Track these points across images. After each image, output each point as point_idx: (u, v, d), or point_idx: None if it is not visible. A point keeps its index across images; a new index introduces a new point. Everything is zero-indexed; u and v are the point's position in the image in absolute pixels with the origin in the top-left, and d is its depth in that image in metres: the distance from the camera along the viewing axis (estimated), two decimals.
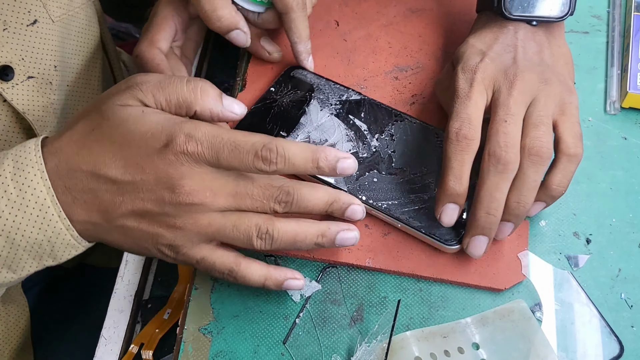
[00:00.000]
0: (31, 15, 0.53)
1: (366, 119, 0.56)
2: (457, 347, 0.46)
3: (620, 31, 0.63)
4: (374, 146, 0.54)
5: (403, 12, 0.64)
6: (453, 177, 0.47)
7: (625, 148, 0.56)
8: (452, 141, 0.47)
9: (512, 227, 0.48)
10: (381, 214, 0.51)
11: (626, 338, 0.48)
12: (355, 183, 0.52)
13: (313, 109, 0.56)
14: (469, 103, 0.48)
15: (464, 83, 0.49)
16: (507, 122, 0.47)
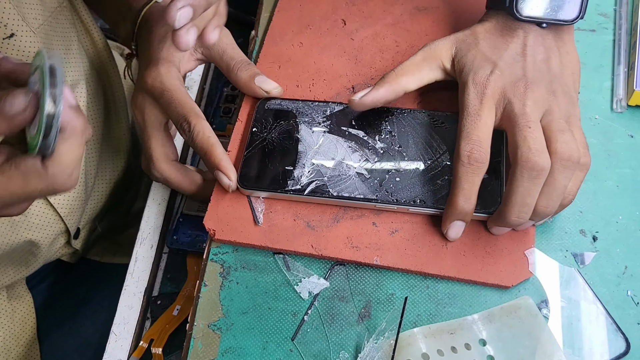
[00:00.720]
0: (7, 29, 0.53)
1: (359, 125, 0.56)
2: (464, 344, 0.47)
3: (627, 29, 0.63)
4: (380, 148, 0.54)
5: (410, 10, 0.65)
6: (463, 197, 0.48)
7: (632, 146, 0.57)
8: (463, 163, 0.48)
9: (532, 224, 0.50)
10: (420, 209, 0.51)
11: (633, 335, 0.48)
12: (382, 190, 0.52)
13: (305, 134, 0.55)
14: (479, 123, 0.48)
15: (474, 98, 0.49)
16: (531, 129, 0.47)
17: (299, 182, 0.53)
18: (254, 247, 0.53)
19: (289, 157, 0.54)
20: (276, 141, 0.56)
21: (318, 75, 0.61)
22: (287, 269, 0.52)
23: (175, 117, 0.55)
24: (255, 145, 0.55)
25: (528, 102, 0.48)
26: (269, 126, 0.56)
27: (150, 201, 0.66)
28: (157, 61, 0.56)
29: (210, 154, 0.53)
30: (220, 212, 0.54)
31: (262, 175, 0.54)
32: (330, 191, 0.52)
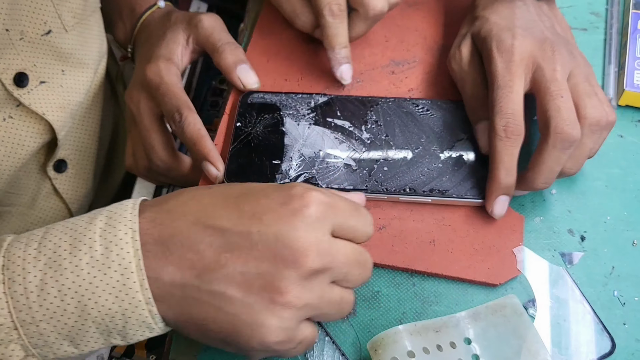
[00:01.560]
0: (46, 26, 0.54)
1: (344, 116, 0.55)
2: (450, 342, 0.46)
3: (618, 29, 0.63)
4: (367, 138, 0.54)
5: (400, 5, 0.64)
6: (505, 170, 0.48)
7: (621, 146, 0.56)
8: (501, 138, 0.48)
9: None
10: (410, 197, 0.51)
11: (618, 335, 0.48)
12: (371, 179, 0.52)
13: (291, 127, 0.55)
14: (511, 95, 0.48)
15: (502, 68, 0.49)
16: (563, 98, 0.47)
17: (287, 175, 0.52)
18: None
19: (275, 151, 0.54)
20: (261, 135, 0.55)
21: (306, 69, 0.60)
22: None
23: (168, 109, 0.55)
24: (241, 140, 0.55)
25: (557, 67, 0.48)
26: (253, 120, 0.56)
27: (135, 194, 0.65)
28: (158, 58, 0.57)
29: (199, 144, 0.53)
30: None
31: (249, 170, 0.53)
32: (319, 183, 0.52)
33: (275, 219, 0.38)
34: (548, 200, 0.54)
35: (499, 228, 0.51)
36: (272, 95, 0.57)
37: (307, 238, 0.38)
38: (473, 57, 0.54)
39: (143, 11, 0.64)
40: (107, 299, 0.38)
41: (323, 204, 0.39)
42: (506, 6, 0.53)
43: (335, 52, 0.55)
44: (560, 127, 0.46)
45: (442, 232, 0.51)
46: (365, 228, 0.42)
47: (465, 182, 0.51)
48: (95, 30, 0.61)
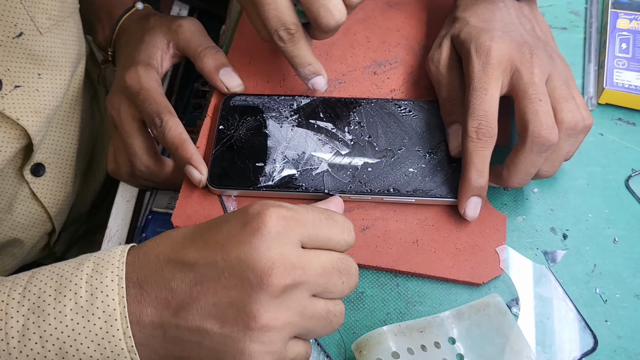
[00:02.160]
0: (17, 28, 0.53)
1: (327, 117, 0.55)
2: (434, 342, 0.46)
3: (598, 27, 0.64)
4: (350, 139, 0.54)
5: (381, 6, 0.64)
6: (476, 172, 0.48)
7: (602, 144, 0.57)
8: (472, 139, 0.48)
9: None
10: (394, 198, 0.51)
11: (600, 332, 0.48)
12: (355, 180, 0.52)
13: (273, 129, 0.55)
14: (485, 97, 0.48)
15: (479, 70, 0.49)
16: (542, 102, 0.47)
17: (271, 178, 0.52)
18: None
19: (258, 154, 0.54)
20: (244, 138, 0.55)
21: (289, 71, 0.60)
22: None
23: (148, 114, 0.54)
24: (223, 143, 0.54)
25: (536, 71, 0.48)
26: (235, 123, 0.55)
27: (118, 198, 0.64)
28: (137, 63, 0.57)
29: (181, 148, 0.53)
30: (189, 209, 0.53)
31: (233, 173, 0.53)
32: (303, 185, 0.52)
33: (236, 243, 0.38)
34: (530, 199, 0.54)
35: (481, 227, 0.51)
36: (254, 97, 0.57)
37: (269, 256, 0.37)
38: (451, 60, 0.54)
39: (121, 14, 0.64)
40: (89, 347, 0.37)
41: (283, 218, 0.39)
42: (486, 8, 0.53)
43: (299, 71, 0.54)
44: (537, 131, 0.46)
45: (426, 232, 0.51)
46: (342, 236, 0.41)
47: (449, 182, 0.51)
48: (74, 31, 0.61)
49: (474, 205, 0.50)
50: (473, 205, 0.50)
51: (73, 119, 0.64)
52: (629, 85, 0.57)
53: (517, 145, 0.48)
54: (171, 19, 0.60)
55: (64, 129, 0.63)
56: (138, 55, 0.58)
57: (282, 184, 0.52)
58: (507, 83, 0.49)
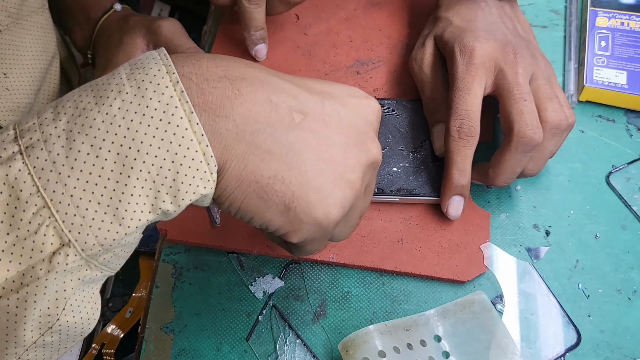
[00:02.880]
0: None
1: None
2: (420, 340, 0.47)
3: (577, 26, 0.64)
4: None
5: (363, 5, 0.64)
6: (458, 171, 0.49)
7: (582, 141, 0.57)
8: (454, 138, 0.48)
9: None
10: (379, 197, 0.51)
11: (583, 327, 0.49)
12: None
13: None
14: (468, 97, 0.48)
15: (463, 70, 0.49)
16: (526, 101, 0.48)
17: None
18: (207, 247, 0.52)
19: None
20: None
21: None
22: (241, 268, 0.51)
23: None
24: None
25: (520, 70, 0.49)
26: None
27: None
28: (115, 64, 0.56)
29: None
30: None
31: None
32: None
33: (344, 103, 0.37)
34: (513, 196, 0.54)
35: (465, 225, 0.51)
36: None
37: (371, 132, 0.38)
38: (434, 59, 0.54)
39: (99, 16, 0.63)
40: (152, 144, 0.31)
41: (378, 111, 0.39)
42: (469, 7, 0.54)
43: (251, 33, 0.57)
44: (523, 131, 0.47)
45: (410, 231, 0.51)
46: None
47: (433, 181, 0.51)
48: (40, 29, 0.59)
49: (456, 204, 0.50)
50: (455, 204, 0.50)
51: None
52: (608, 83, 0.58)
53: (503, 144, 0.48)
54: (150, 20, 0.59)
55: None
56: (116, 56, 0.57)
57: None
58: (491, 83, 0.50)
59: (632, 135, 0.58)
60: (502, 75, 0.49)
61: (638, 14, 0.62)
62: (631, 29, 0.61)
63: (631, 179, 0.55)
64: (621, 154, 0.57)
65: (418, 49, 0.55)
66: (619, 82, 0.58)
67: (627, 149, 0.57)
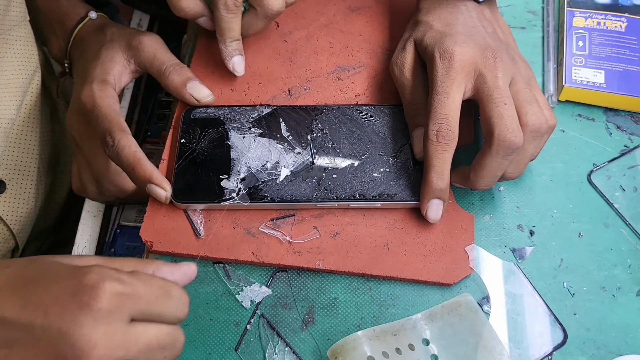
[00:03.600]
0: None
1: (290, 126, 0.55)
2: (408, 344, 0.47)
3: (555, 26, 0.65)
4: (314, 147, 0.54)
5: (343, 11, 0.64)
6: (436, 174, 0.49)
7: (563, 141, 0.58)
8: (432, 142, 0.49)
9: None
10: (361, 203, 0.51)
11: (569, 325, 0.49)
12: (320, 187, 0.52)
13: (236, 141, 0.54)
14: (447, 101, 0.49)
15: (442, 74, 0.50)
16: (507, 105, 0.48)
17: (235, 190, 0.52)
18: (193, 258, 0.52)
19: (222, 166, 0.53)
20: (207, 150, 0.54)
21: (253, 79, 0.60)
22: (228, 278, 0.51)
23: (100, 132, 0.53)
24: (186, 157, 0.54)
25: (499, 74, 0.49)
26: (197, 136, 0.55)
27: (84, 213, 0.64)
28: (92, 79, 0.55)
29: (138, 167, 0.51)
30: (157, 223, 0.52)
31: (197, 187, 0.52)
32: (268, 196, 0.51)
33: (60, 312, 0.34)
34: (497, 197, 0.55)
35: (450, 228, 0.52)
36: (215, 109, 0.56)
37: (93, 334, 0.34)
38: (414, 63, 0.54)
39: (74, 24, 0.62)
40: None
41: (117, 296, 0.35)
42: (449, 12, 0.54)
43: (227, 44, 0.56)
44: (503, 135, 0.47)
45: (395, 235, 0.51)
46: (175, 313, 0.39)
47: (414, 185, 0.52)
48: (19, 43, 0.59)
49: (435, 207, 0.50)
50: (434, 207, 0.50)
51: (32, 134, 0.63)
52: (587, 82, 0.59)
53: (483, 148, 0.48)
54: (130, 34, 0.58)
55: (23, 144, 0.62)
56: (93, 70, 0.56)
57: (248, 196, 0.52)
58: (471, 87, 0.50)
59: (612, 133, 0.58)
60: (482, 80, 0.49)
61: (614, 14, 0.63)
62: (607, 28, 0.62)
63: (612, 177, 0.56)
64: (602, 153, 0.57)
65: (398, 53, 0.55)
66: (597, 82, 0.59)
67: (607, 147, 0.58)
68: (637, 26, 0.62)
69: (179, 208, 0.52)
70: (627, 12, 0.63)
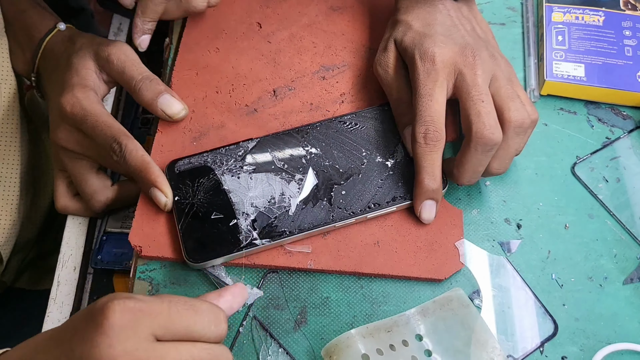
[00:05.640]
0: None
1: (280, 154, 0.53)
2: (402, 340, 0.47)
3: (534, 22, 0.66)
4: (312, 168, 0.53)
5: (324, 10, 0.65)
6: (427, 175, 0.49)
7: (546, 134, 0.59)
8: (420, 144, 0.49)
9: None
10: (378, 212, 0.51)
11: (559, 316, 0.50)
12: (334, 207, 0.51)
13: (232, 184, 0.52)
14: (431, 103, 0.49)
15: (424, 76, 0.50)
16: (484, 102, 0.48)
17: (250, 234, 0.50)
18: (184, 262, 0.51)
19: (227, 213, 0.51)
20: (205, 203, 0.51)
21: (237, 80, 0.60)
22: (219, 281, 0.51)
23: (103, 140, 0.52)
24: (186, 214, 0.51)
25: (479, 72, 0.49)
26: (190, 189, 0.52)
27: (69, 221, 0.63)
28: (72, 87, 0.53)
29: (146, 171, 0.50)
30: (146, 227, 0.52)
31: (208, 241, 0.50)
32: (285, 230, 0.50)
33: (79, 340, 0.35)
34: (483, 192, 0.55)
35: (439, 224, 0.52)
36: (198, 157, 0.53)
37: (110, 354, 0.34)
38: (397, 62, 0.55)
39: (42, 36, 0.59)
40: None
41: (129, 311, 0.35)
42: (427, 11, 0.54)
43: (144, 21, 0.57)
44: (480, 131, 0.48)
45: (386, 233, 0.52)
46: (208, 328, 0.38)
47: None
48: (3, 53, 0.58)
49: (428, 208, 0.51)
50: (428, 208, 0.51)
51: (12, 145, 0.62)
52: (567, 76, 0.60)
53: (463, 145, 0.49)
54: (99, 44, 0.56)
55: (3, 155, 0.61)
56: (70, 79, 0.54)
57: (264, 236, 0.50)
58: (452, 86, 0.50)
59: (593, 126, 0.59)
60: (461, 78, 0.50)
61: (591, 8, 0.64)
62: (586, 22, 0.63)
63: (595, 168, 0.57)
64: (584, 145, 0.58)
65: (381, 54, 0.56)
66: (578, 75, 0.60)
67: (589, 140, 0.58)
68: (614, 20, 0.63)
69: (199, 269, 0.51)
70: (604, 6, 0.64)
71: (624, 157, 0.57)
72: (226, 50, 0.62)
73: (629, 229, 0.54)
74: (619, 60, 0.60)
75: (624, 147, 0.58)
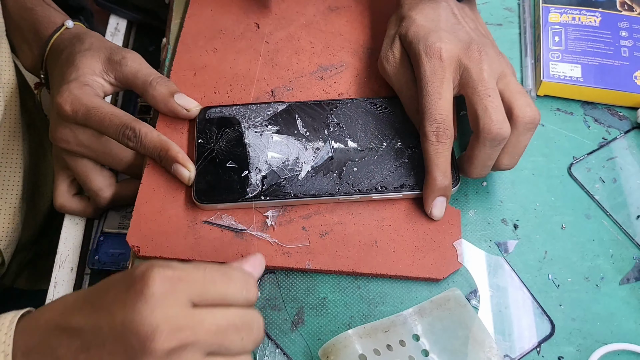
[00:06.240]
0: None
1: (306, 122, 0.55)
2: (399, 340, 0.47)
3: (531, 22, 0.66)
4: (332, 141, 0.54)
5: (322, 10, 0.65)
6: (440, 173, 0.50)
7: (543, 134, 0.59)
8: (432, 142, 0.49)
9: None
10: (382, 195, 0.52)
11: (556, 316, 0.50)
12: (342, 181, 0.52)
13: (254, 139, 0.54)
14: (440, 101, 0.49)
15: (431, 73, 0.50)
16: (491, 97, 0.48)
17: (257, 187, 0.52)
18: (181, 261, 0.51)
19: (242, 165, 0.53)
20: (225, 150, 0.54)
21: (235, 81, 0.60)
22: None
23: (114, 130, 0.52)
24: (205, 157, 0.54)
25: (484, 67, 0.49)
26: (214, 136, 0.55)
27: (67, 222, 0.63)
28: (68, 84, 0.53)
29: (167, 149, 0.52)
30: (144, 227, 0.52)
31: (219, 186, 0.52)
32: (290, 192, 0.52)
33: (120, 307, 0.36)
34: (480, 192, 0.55)
35: (437, 224, 0.52)
36: (230, 108, 0.56)
37: (152, 320, 0.35)
38: (403, 58, 0.55)
39: (50, 34, 0.60)
40: None
41: (168, 279, 0.37)
42: (431, 7, 0.54)
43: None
44: (488, 126, 0.48)
45: (384, 232, 0.52)
46: (240, 294, 0.39)
47: None
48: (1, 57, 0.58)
49: (440, 205, 0.51)
50: (439, 205, 0.51)
51: (14, 148, 0.62)
52: (564, 77, 0.60)
53: (472, 140, 0.49)
54: (112, 48, 0.56)
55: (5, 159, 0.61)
56: (69, 75, 0.54)
57: (270, 193, 0.52)
58: (458, 82, 0.50)
59: (590, 126, 0.60)
60: (467, 74, 0.50)
61: (588, 9, 0.64)
62: (582, 23, 0.63)
63: (591, 169, 0.57)
64: (580, 145, 0.58)
65: (387, 49, 0.56)
66: (574, 76, 0.60)
67: (585, 140, 0.59)
68: (611, 21, 0.63)
69: (203, 209, 0.52)
70: (600, 7, 0.64)
71: (620, 157, 0.58)
72: (224, 51, 0.62)
73: (625, 230, 0.54)
74: (616, 60, 0.61)
75: (621, 147, 0.58)
